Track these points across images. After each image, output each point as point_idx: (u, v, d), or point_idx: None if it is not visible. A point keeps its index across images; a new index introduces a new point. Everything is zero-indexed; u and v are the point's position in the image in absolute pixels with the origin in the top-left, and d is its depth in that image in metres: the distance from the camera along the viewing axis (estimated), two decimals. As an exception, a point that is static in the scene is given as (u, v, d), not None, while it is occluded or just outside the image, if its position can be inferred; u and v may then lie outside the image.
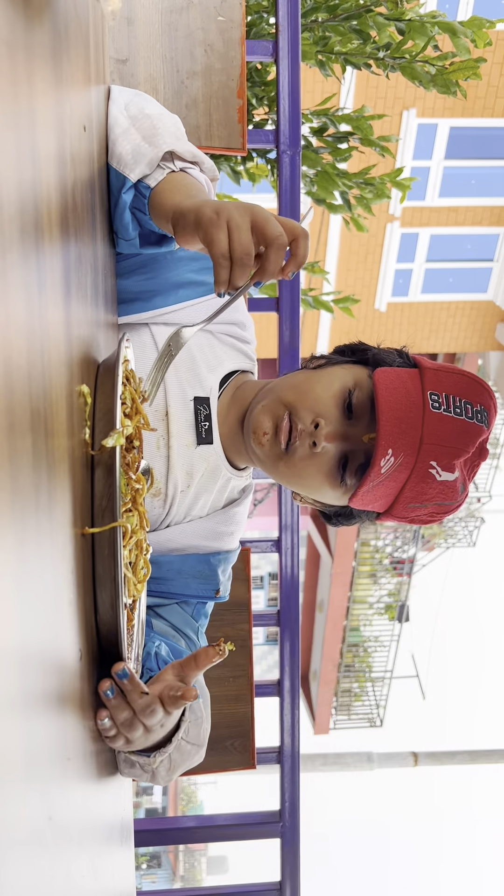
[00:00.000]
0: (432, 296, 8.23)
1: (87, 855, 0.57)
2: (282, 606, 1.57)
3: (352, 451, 0.91)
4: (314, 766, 7.55)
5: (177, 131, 0.92)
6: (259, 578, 11.74)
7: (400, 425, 0.87)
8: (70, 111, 0.62)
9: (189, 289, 0.98)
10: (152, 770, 0.83)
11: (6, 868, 0.33)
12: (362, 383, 0.92)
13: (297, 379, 0.96)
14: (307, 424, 0.91)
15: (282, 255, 0.72)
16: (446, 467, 0.88)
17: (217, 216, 0.72)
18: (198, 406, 0.98)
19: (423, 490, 0.89)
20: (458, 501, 0.92)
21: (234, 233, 0.71)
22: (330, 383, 0.93)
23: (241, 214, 0.72)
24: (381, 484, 0.89)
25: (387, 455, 0.86)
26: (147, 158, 0.86)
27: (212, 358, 1.00)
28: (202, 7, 1.43)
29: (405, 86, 6.99)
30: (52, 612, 0.48)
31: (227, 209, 0.73)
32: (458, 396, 0.89)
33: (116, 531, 0.66)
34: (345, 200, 2.17)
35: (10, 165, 0.39)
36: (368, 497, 0.91)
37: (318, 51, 1.96)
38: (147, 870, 14.62)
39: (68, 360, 0.57)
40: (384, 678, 10.36)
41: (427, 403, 0.88)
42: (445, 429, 0.87)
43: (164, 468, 0.97)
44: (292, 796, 1.57)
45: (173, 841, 1.59)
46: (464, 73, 1.78)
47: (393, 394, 0.88)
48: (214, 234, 0.71)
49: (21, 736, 0.37)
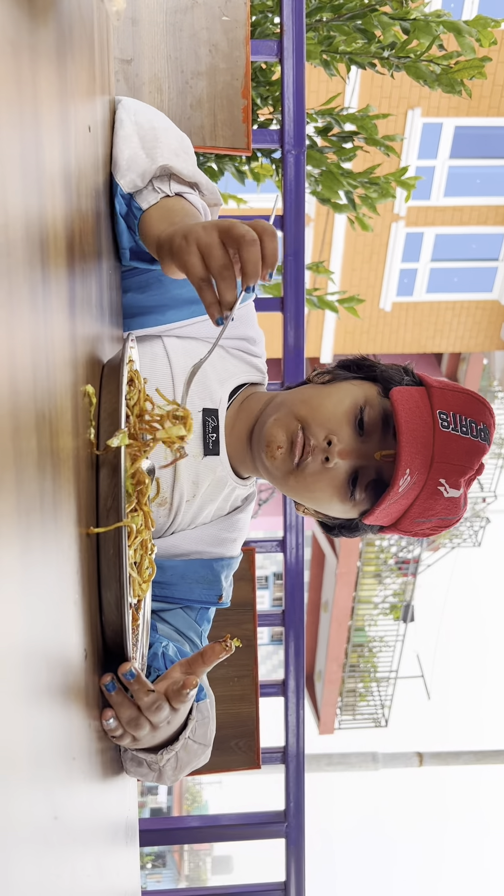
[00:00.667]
0: (437, 295, 8.22)
1: (93, 854, 0.57)
2: (286, 606, 1.57)
3: (363, 467, 0.93)
4: (319, 767, 7.56)
5: (178, 147, 0.92)
6: (264, 578, 11.74)
7: (416, 445, 0.88)
8: (75, 112, 0.62)
9: (200, 304, 0.99)
10: (159, 768, 0.83)
11: (12, 867, 0.33)
12: (373, 401, 0.94)
13: (308, 394, 0.97)
14: (320, 441, 0.92)
15: (256, 251, 0.70)
16: (453, 485, 0.90)
17: (186, 242, 0.72)
18: (206, 417, 0.98)
19: (431, 506, 0.91)
20: (459, 516, 0.94)
21: (204, 251, 0.71)
22: (340, 400, 0.94)
23: (207, 232, 0.72)
24: (396, 502, 0.90)
25: (405, 475, 0.88)
26: (140, 169, 0.86)
27: (222, 371, 1.01)
28: (207, 7, 1.43)
29: (410, 85, 6.98)
30: (57, 611, 0.48)
31: (194, 232, 0.72)
32: (464, 415, 0.91)
33: (121, 531, 0.66)
34: (349, 200, 2.17)
35: (15, 168, 0.39)
36: (383, 514, 0.92)
37: (323, 50, 1.96)
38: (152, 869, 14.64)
39: (73, 362, 0.57)
40: (389, 678, 10.35)
41: (437, 422, 0.90)
42: (454, 448, 0.89)
43: (170, 478, 0.98)
44: (297, 796, 1.57)
45: (178, 841, 1.59)
46: (469, 72, 1.78)
47: (410, 414, 0.90)
48: (187, 260, 0.71)
49: (26, 735, 0.37)
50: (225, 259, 0.70)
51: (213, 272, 0.71)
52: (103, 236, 0.80)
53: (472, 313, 8.32)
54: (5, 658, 0.34)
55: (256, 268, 0.70)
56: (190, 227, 0.74)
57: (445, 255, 8.10)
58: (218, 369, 1.01)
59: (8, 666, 0.34)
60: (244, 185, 2.32)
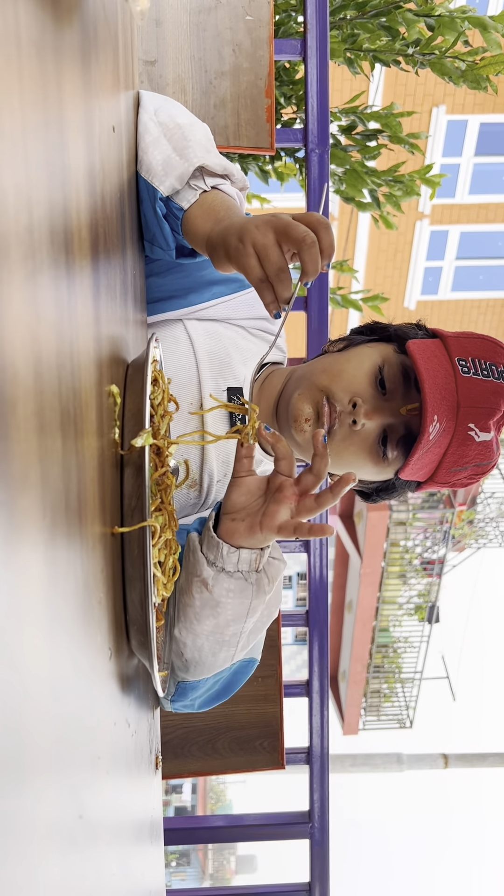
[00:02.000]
0: (462, 293, 8.15)
1: (118, 853, 0.57)
2: (310, 606, 1.56)
3: (390, 425, 0.94)
4: (343, 767, 7.53)
5: (207, 143, 0.93)
6: (287, 578, 11.72)
7: (440, 392, 0.89)
8: (99, 113, 0.62)
9: (222, 285, 1.01)
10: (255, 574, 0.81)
11: (37, 866, 0.33)
12: (390, 359, 0.95)
13: (326, 363, 0.98)
14: (345, 405, 0.93)
15: (315, 252, 0.72)
16: (483, 428, 0.90)
17: (242, 244, 0.74)
18: (231, 396, 0.99)
19: (464, 453, 0.91)
20: (494, 461, 0.94)
21: (261, 253, 0.73)
22: (360, 362, 0.95)
23: (262, 232, 0.73)
24: (428, 451, 0.91)
25: (433, 422, 0.88)
26: (178, 172, 0.87)
27: (245, 350, 1.03)
28: (230, 7, 1.43)
29: (434, 82, 6.93)
30: (81, 611, 0.48)
31: (249, 233, 0.74)
32: (483, 359, 0.93)
33: (145, 531, 0.67)
34: (374, 198, 2.16)
35: (41, 167, 0.39)
36: (417, 466, 0.93)
37: (347, 48, 1.95)
38: (176, 868, 14.70)
39: (98, 360, 0.57)
40: (414, 679, 10.29)
41: (457, 369, 0.91)
42: (477, 391, 0.90)
43: (198, 459, 0.99)
44: (321, 797, 1.56)
45: (202, 840, 1.59)
46: (494, 67, 1.76)
47: (429, 363, 0.91)
48: (245, 263, 0.74)
49: (51, 734, 0.37)
50: (281, 261, 0.73)
51: (271, 275, 0.73)
52: (128, 233, 0.80)
53: (497, 311, 8.24)
54: (30, 656, 0.34)
55: (316, 266, 0.72)
56: (243, 226, 0.75)
57: (470, 253, 8.04)
58: (242, 349, 1.02)
59: (32, 664, 0.34)
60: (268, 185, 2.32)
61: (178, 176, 0.87)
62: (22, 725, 0.32)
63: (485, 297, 8.18)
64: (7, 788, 0.29)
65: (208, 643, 0.84)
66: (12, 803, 0.30)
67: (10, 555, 0.31)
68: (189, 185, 0.88)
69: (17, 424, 0.33)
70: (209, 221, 0.83)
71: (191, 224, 0.86)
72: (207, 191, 0.88)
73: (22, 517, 0.33)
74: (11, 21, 0.34)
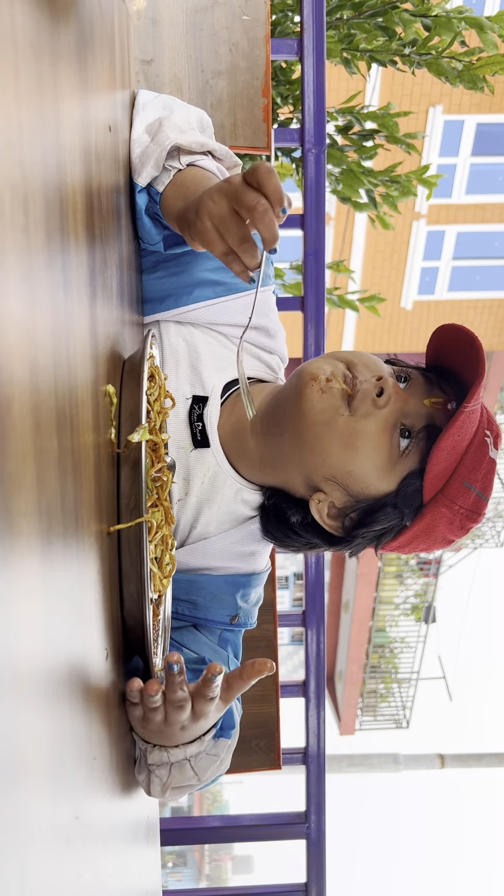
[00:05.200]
0: (459, 294, 8.16)
1: (114, 854, 0.57)
2: (307, 606, 1.56)
3: (410, 414, 0.86)
4: (340, 767, 7.53)
5: (183, 124, 0.90)
6: (284, 578, 11.72)
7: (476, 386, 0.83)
8: (96, 112, 0.62)
9: (207, 288, 0.95)
10: (148, 767, 0.78)
11: (34, 867, 0.33)
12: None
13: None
14: (369, 379, 0.86)
15: (269, 218, 0.69)
16: (495, 442, 0.86)
17: (199, 220, 0.73)
18: (194, 405, 0.93)
19: (479, 461, 0.84)
20: (483, 513, 0.87)
21: (220, 227, 0.72)
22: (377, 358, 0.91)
23: (217, 203, 0.72)
24: (463, 425, 0.82)
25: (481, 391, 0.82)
26: (153, 159, 0.86)
27: (221, 358, 0.95)
28: (227, 6, 1.42)
29: (431, 82, 6.93)
30: (78, 610, 0.48)
31: (204, 205, 0.72)
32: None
33: (142, 527, 0.67)
34: (370, 198, 2.16)
35: (37, 167, 0.39)
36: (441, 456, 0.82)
37: (343, 48, 1.95)
38: (173, 868, 14.68)
39: (94, 359, 0.57)
40: (410, 679, 10.31)
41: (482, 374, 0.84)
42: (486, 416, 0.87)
43: None
44: (318, 797, 1.56)
45: (199, 840, 1.59)
46: (491, 68, 1.76)
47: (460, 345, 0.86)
48: (206, 238, 0.73)
49: (47, 735, 0.37)
50: (240, 231, 0.71)
51: (234, 247, 0.72)
52: (123, 233, 0.80)
53: (494, 312, 8.25)
54: (26, 657, 0.34)
55: (273, 234, 0.70)
56: (200, 199, 0.74)
57: (467, 254, 8.04)
58: (217, 355, 0.95)
59: (29, 664, 0.34)
60: (264, 185, 2.32)
61: (154, 162, 0.85)
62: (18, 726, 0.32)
63: (481, 297, 8.19)
64: (3, 789, 0.29)
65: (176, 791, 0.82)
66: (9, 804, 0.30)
67: (6, 556, 0.31)
68: (165, 167, 0.86)
69: (13, 424, 0.33)
70: (180, 200, 0.81)
71: (166, 206, 0.84)
72: (182, 169, 0.86)
73: (17, 517, 0.33)
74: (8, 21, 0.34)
